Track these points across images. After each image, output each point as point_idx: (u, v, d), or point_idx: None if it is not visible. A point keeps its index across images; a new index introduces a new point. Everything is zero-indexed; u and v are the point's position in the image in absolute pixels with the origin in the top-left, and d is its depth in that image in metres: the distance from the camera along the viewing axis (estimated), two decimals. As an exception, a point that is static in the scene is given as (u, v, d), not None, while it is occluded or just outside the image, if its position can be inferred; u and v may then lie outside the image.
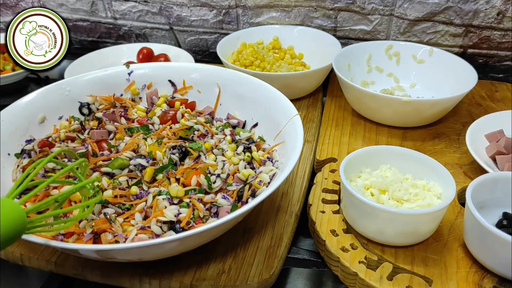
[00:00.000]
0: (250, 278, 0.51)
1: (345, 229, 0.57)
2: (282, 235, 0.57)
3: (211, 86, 0.72)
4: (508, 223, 0.53)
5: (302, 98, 0.87)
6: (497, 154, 0.65)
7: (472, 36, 0.91)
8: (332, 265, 0.55)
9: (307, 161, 0.70)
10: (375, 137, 0.76)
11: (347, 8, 0.95)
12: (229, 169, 0.59)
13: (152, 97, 0.72)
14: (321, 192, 0.63)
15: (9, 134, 0.61)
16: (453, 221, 0.58)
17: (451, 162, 0.69)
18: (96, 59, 0.98)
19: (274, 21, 1.01)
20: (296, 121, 0.59)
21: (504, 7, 0.86)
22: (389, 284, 0.50)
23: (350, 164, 0.58)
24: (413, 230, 0.53)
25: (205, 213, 0.53)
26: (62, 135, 0.64)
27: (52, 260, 0.54)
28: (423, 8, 0.90)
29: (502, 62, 0.94)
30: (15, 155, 0.62)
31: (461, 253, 0.54)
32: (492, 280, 0.51)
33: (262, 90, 0.67)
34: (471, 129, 0.69)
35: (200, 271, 0.52)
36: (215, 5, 1.01)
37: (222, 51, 0.88)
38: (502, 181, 0.55)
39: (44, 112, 0.66)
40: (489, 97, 0.87)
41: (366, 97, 0.75)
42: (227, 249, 0.55)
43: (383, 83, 0.88)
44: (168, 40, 1.11)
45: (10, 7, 1.16)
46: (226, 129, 0.67)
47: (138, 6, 1.06)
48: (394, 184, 0.56)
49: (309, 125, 0.80)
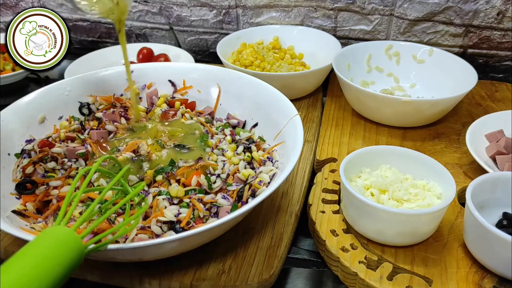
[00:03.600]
0: (250, 278, 0.51)
1: (345, 229, 0.57)
2: (282, 235, 0.57)
3: (211, 86, 0.72)
4: (508, 223, 0.53)
5: (302, 98, 0.87)
6: (497, 154, 0.65)
7: (472, 36, 0.91)
8: (332, 265, 0.55)
9: (307, 161, 0.70)
10: (375, 137, 0.76)
11: (347, 8, 0.95)
12: (229, 169, 0.59)
13: (152, 97, 0.72)
14: (321, 192, 0.63)
15: (9, 134, 0.61)
16: (453, 221, 0.58)
17: (451, 162, 0.69)
18: (96, 59, 0.98)
19: (274, 21, 1.01)
20: (296, 121, 0.59)
21: (504, 7, 0.86)
22: (389, 284, 0.50)
23: (350, 164, 0.58)
24: (413, 230, 0.53)
25: (205, 213, 0.53)
26: (62, 135, 0.64)
27: (52, 260, 0.54)
28: (423, 8, 0.90)
29: (502, 62, 0.94)
30: (15, 155, 0.62)
31: (461, 253, 0.54)
32: (492, 280, 0.51)
33: (262, 90, 0.67)
34: (471, 129, 0.69)
35: (200, 271, 0.52)
36: (215, 5, 1.01)
37: (222, 51, 0.88)
38: (502, 181, 0.55)
39: (44, 112, 0.66)
40: (489, 97, 0.87)
41: (366, 97, 0.75)
42: (227, 249, 0.55)
43: (383, 83, 0.88)
44: (168, 40, 1.11)
45: (10, 7, 1.16)
46: (226, 129, 0.67)
47: (138, 6, 1.06)
48: (394, 184, 0.56)
49: (309, 125, 0.80)
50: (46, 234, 0.38)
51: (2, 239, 0.57)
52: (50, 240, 0.37)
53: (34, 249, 0.36)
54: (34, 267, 0.35)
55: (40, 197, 0.56)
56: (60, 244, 0.37)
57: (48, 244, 0.37)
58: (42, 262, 0.35)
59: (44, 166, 0.60)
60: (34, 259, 0.35)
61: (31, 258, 0.35)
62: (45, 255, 0.36)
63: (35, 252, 0.36)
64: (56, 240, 0.37)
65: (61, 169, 0.61)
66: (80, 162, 0.61)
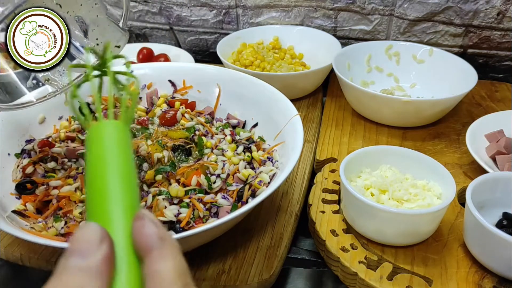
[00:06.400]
0: (250, 278, 0.51)
1: (345, 229, 0.57)
2: (282, 235, 0.57)
3: (211, 86, 0.72)
4: (508, 223, 0.53)
5: (302, 98, 0.87)
6: (497, 154, 0.65)
7: (472, 36, 0.91)
8: (332, 265, 0.55)
9: (307, 161, 0.70)
10: (375, 137, 0.76)
11: (347, 8, 0.95)
12: (229, 169, 0.59)
13: (152, 97, 0.72)
14: (321, 192, 0.63)
15: (9, 134, 0.61)
16: (453, 221, 0.58)
17: (451, 162, 0.69)
18: (96, 59, 0.98)
19: (274, 21, 1.01)
20: (296, 121, 0.59)
21: (504, 7, 0.86)
22: (389, 284, 0.50)
23: (350, 164, 0.58)
24: (413, 230, 0.53)
25: (205, 213, 0.53)
26: (62, 135, 0.64)
27: (52, 260, 0.55)
28: (423, 8, 0.90)
29: (502, 62, 0.94)
30: (15, 155, 0.62)
31: (461, 253, 0.54)
32: (492, 280, 0.51)
33: (262, 90, 0.67)
34: (471, 129, 0.69)
35: (200, 271, 0.52)
36: (215, 5, 1.01)
37: (222, 51, 0.88)
38: (502, 181, 0.55)
39: (44, 112, 0.66)
40: (489, 97, 0.87)
41: (366, 97, 0.75)
42: (227, 249, 0.55)
43: (383, 83, 0.88)
44: (168, 40, 1.10)
45: (10, 7, 1.16)
46: (226, 129, 0.67)
47: (138, 6, 1.06)
48: (394, 184, 0.56)
49: (309, 125, 0.80)
50: (102, 133, 0.34)
51: (2, 239, 0.57)
52: (114, 136, 0.34)
53: (106, 152, 0.33)
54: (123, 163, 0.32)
55: (40, 197, 0.56)
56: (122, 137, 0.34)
57: (114, 142, 0.33)
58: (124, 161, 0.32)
59: (44, 166, 0.60)
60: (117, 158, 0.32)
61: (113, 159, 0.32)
62: (122, 153, 0.33)
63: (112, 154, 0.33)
64: (118, 134, 0.34)
65: (61, 169, 0.61)
66: (80, 162, 0.61)
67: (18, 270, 0.58)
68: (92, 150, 0.33)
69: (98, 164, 0.32)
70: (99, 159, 0.32)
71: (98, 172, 0.31)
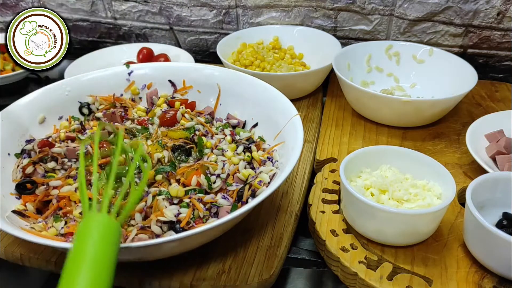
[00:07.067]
0: (250, 278, 0.51)
1: (345, 229, 0.57)
2: (282, 235, 0.57)
3: (211, 86, 0.72)
4: (508, 223, 0.53)
5: (302, 98, 0.87)
6: (497, 154, 0.65)
7: (472, 36, 0.91)
8: (332, 265, 0.55)
9: (307, 161, 0.70)
10: (375, 137, 0.76)
11: (347, 8, 0.95)
12: (229, 169, 0.59)
13: (152, 97, 0.72)
14: (321, 192, 0.63)
15: (9, 134, 0.61)
16: (453, 221, 0.58)
17: (451, 162, 0.69)
18: (96, 59, 0.98)
19: (274, 21, 1.01)
20: (296, 121, 0.59)
21: (504, 7, 0.86)
22: (389, 284, 0.50)
23: (350, 164, 0.58)
24: (413, 230, 0.53)
25: (205, 213, 0.53)
26: (62, 135, 0.64)
27: (52, 260, 0.54)
28: (423, 8, 0.90)
29: (502, 62, 0.94)
30: (15, 155, 0.62)
31: (461, 253, 0.54)
32: (492, 280, 0.51)
33: (262, 90, 0.67)
34: (471, 129, 0.69)
35: (200, 271, 0.52)
36: (215, 5, 1.01)
37: (222, 51, 0.88)
38: (502, 181, 0.55)
39: (44, 112, 0.66)
40: (489, 97, 0.87)
41: (366, 97, 0.75)
42: (227, 249, 0.55)
43: (383, 83, 0.88)
44: (168, 40, 1.11)
45: (10, 7, 1.16)
46: (226, 129, 0.67)
47: (138, 6, 1.06)
48: (394, 184, 0.56)
49: (309, 125, 0.80)
50: (89, 228, 0.40)
51: (2, 239, 0.57)
52: (98, 232, 0.39)
53: (87, 246, 0.38)
54: (96, 264, 0.37)
55: (40, 197, 0.56)
56: (108, 233, 0.40)
57: (97, 238, 0.39)
58: (101, 257, 0.38)
59: (44, 166, 0.60)
60: (94, 255, 0.38)
61: (90, 256, 0.38)
62: (101, 250, 0.38)
63: (91, 249, 0.38)
64: (103, 231, 0.40)
65: (61, 169, 0.61)
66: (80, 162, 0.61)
67: (18, 270, 0.58)
68: (77, 242, 0.39)
69: (77, 256, 0.38)
70: (80, 252, 0.38)
71: (75, 264, 0.37)
